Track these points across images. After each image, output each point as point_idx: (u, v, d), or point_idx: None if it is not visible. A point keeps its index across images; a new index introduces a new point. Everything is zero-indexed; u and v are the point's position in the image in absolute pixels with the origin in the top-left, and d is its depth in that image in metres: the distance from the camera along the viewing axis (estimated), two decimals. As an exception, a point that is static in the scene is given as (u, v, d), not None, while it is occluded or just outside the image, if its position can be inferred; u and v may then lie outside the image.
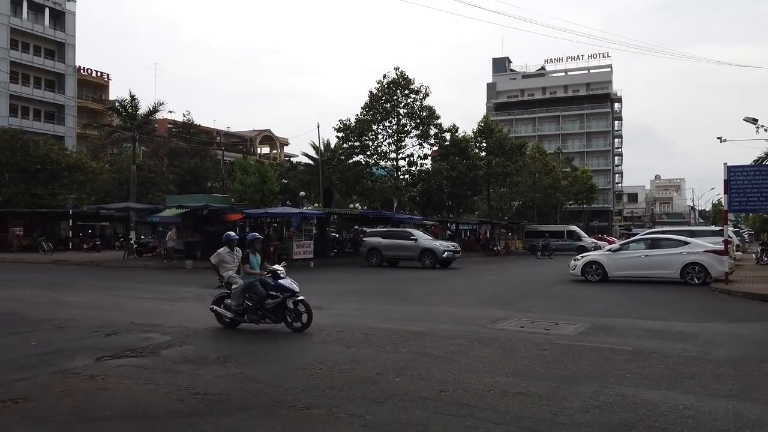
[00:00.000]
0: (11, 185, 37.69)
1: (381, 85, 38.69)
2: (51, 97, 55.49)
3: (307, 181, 45.49)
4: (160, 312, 10.91)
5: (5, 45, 51.67)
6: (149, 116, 39.81)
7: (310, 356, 7.13)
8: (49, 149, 39.18)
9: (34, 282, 17.42)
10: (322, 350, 7.51)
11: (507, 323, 9.65)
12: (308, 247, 25.50)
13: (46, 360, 6.80)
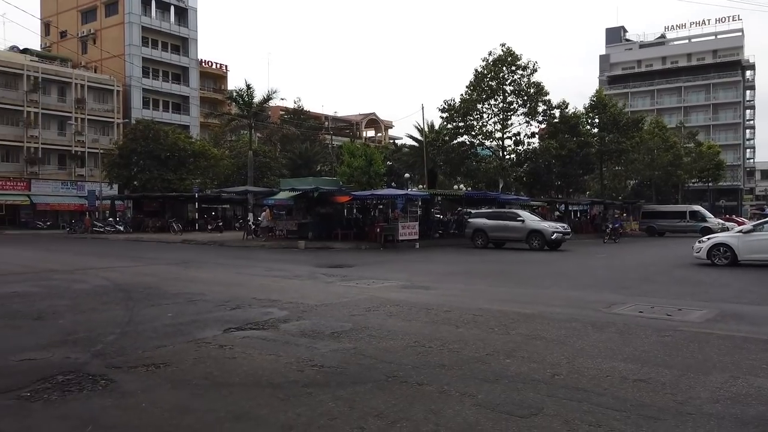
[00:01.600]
0: (146, 171, 41.47)
1: (486, 62, 37.85)
2: (177, 89, 60.12)
3: (412, 163, 45.78)
4: (277, 288, 11.56)
5: (138, 43, 56.56)
6: (263, 104, 41.92)
7: (420, 335, 7.25)
8: (176, 138, 42.58)
9: (167, 259, 19.13)
10: (431, 329, 7.61)
11: (623, 308, 9.20)
12: (413, 228, 25.74)
13: (181, 330, 7.48)
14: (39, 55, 55.50)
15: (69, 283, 12.34)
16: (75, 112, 51.72)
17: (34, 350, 6.33)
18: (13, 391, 4.89)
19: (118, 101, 55.00)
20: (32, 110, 49.45)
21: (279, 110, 62.40)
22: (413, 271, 15.44)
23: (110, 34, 57.32)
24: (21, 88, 49.08)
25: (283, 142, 56.94)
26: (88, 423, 4.20)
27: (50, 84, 51.17)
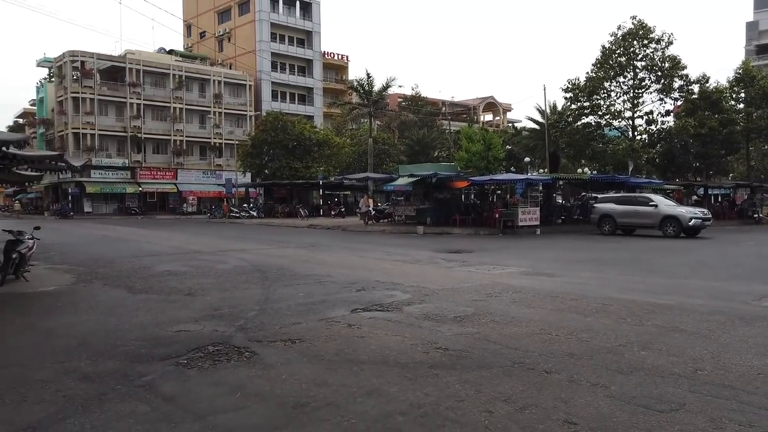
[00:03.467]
0: (275, 160, 44.11)
1: (615, 37, 35.50)
2: (302, 81, 63.04)
3: (532, 147, 44.34)
4: (399, 272, 11.84)
5: (267, 38, 59.98)
6: (382, 92, 42.73)
7: (545, 322, 7.10)
8: (302, 128, 44.77)
9: (296, 243, 20.29)
10: (557, 317, 7.42)
11: (777, 302, 8.34)
12: (534, 213, 25.02)
13: (312, 309, 7.95)
14: (182, 55, 60.82)
15: (212, 263, 13.55)
16: (213, 106, 56.17)
17: (187, 323, 7.07)
18: (173, 359, 5.52)
19: (250, 95, 58.86)
20: (177, 106, 54.45)
21: (397, 98, 63.21)
22: (535, 257, 15.05)
23: (243, 32, 61.28)
24: (168, 86, 54.18)
25: (401, 128, 57.69)
26: (236, 390, 4.64)
27: (192, 81, 55.96)
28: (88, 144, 50.14)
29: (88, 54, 50.93)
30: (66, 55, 50.81)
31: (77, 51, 50.59)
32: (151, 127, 53.52)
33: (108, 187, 50.92)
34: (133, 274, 11.68)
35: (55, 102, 53.85)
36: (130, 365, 5.31)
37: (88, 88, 50.32)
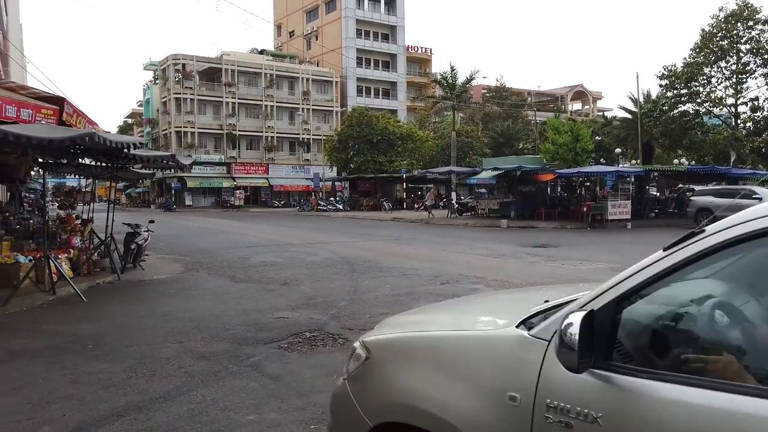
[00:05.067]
0: (360, 155, 45.19)
1: (716, 20, 33.23)
2: (386, 76, 63.87)
3: (624, 137, 42.48)
4: (482, 266, 12.04)
5: (353, 35, 61.29)
6: (466, 85, 42.52)
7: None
8: (386, 122, 45.50)
9: (380, 235, 20.90)
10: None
11: None
12: (625, 207, 24.18)
13: (398, 300, 8.39)
14: (273, 55, 63.43)
15: (304, 255, 14.38)
16: (301, 103, 58.27)
17: (285, 310, 7.74)
18: (275, 342, 6.14)
19: (336, 91, 60.46)
20: (269, 104, 56.98)
21: (481, 89, 62.55)
22: (625, 252, 14.69)
23: (329, 29, 62.93)
24: (260, 85, 56.80)
25: (485, 121, 57.07)
26: (332, 372, 5.14)
27: (282, 80, 58.31)
28: (189, 141, 53.64)
29: (188, 57, 54.38)
30: (169, 59, 54.54)
31: (179, 54, 54.15)
32: (244, 125, 56.41)
33: (206, 182, 54.29)
34: (234, 264, 12.68)
35: (160, 102, 58.01)
36: (239, 347, 5.98)
37: (189, 88, 53.76)
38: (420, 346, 2.33)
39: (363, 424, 2.33)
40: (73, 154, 10.28)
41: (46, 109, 8.81)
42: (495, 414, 1.90)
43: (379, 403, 2.33)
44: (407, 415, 2.18)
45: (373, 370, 2.41)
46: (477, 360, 2.06)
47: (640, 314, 1.81)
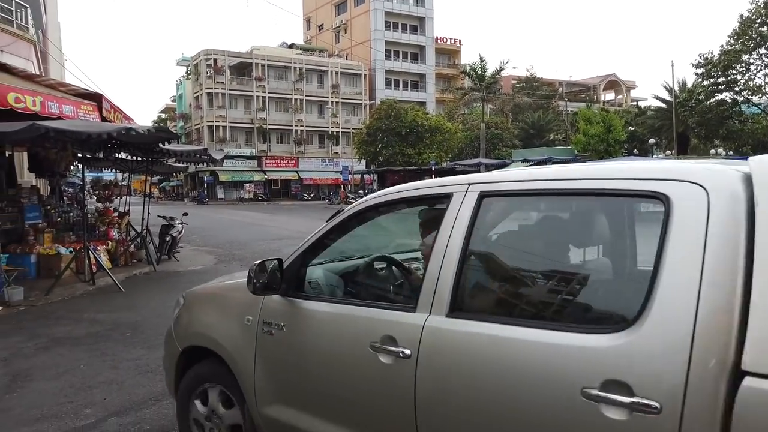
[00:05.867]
0: (389, 147, 45.26)
1: (755, 5, 32.15)
2: (415, 68, 63.66)
3: (658, 127, 41.55)
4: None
5: (381, 27, 61.25)
6: (496, 75, 42.12)
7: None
8: (415, 114, 45.41)
9: (408, 228, 20.93)
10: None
11: None
12: (659, 199, 23.70)
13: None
14: (302, 49, 63.81)
15: (332, 247, 14.54)
16: (330, 96, 58.57)
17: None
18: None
19: (365, 84, 60.56)
20: (298, 97, 57.44)
21: (511, 80, 61.82)
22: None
23: (358, 22, 62.97)
24: (290, 79, 57.28)
25: (515, 112, 56.44)
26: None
27: (311, 73, 58.67)
28: (221, 135, 54.50)
29: (219, 52, 55.14)
30: (201, 54, 55.41)
31: (210, 50, 54.96)
32: (275, 118, 57.00)
33: (237, 175, 55.11)
34: (265, 255, 12.88)
35: (192, 97, 59.02)
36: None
37: (220, 83, 54.56)
38: (208, 293, 3.50)
39: (176, 349, 3.35)
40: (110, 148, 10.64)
41: (86, 105, 9.14)
42: (240, 332, 2.90)
43: (185, 333, 3.35)
44: (199, 339, 3.20)
45: (184, 312, 3.47)
46: (232, 300, 3.10)
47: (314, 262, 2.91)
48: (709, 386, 1.49)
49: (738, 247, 1.56)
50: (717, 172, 1.71)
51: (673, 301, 1.61)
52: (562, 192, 2.08)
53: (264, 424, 2.78)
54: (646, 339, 1.62)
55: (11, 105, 7.49)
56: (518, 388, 1.85)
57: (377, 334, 2.27)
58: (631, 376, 1.61)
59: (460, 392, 2.01)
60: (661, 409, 1.54)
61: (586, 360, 1.70)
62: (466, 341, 2.03)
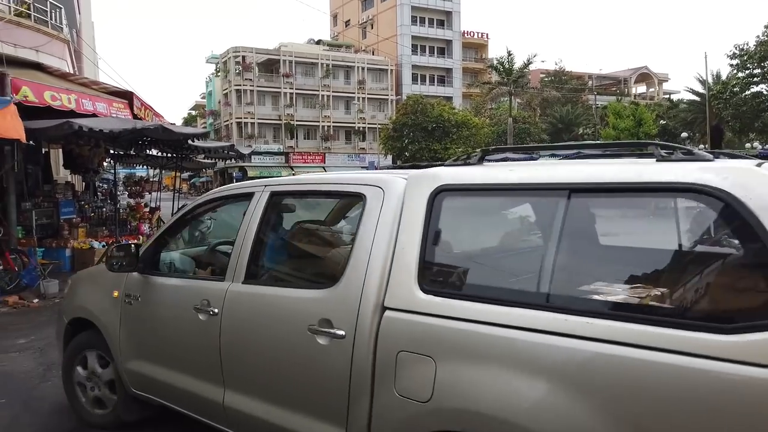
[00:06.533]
0: (415, 143, 45.19)
1: (796, -7, 31.10)
2: (441, 63, 63.33)
3: (691, 120, 40.56)
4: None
5: (408, 22, 61.09)
6: (523, 69, 41.64)
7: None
8: (441, 109, 45.21)
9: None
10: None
11: None
12: (691, 194, 23.17)
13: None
14: (329, 45, 64.07)
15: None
16: (357, 92, 58.71)
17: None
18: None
19: (391, 79, 60.51)
20: (325, 93, 57.73)
21: (539, 74, 60.99)
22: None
23: (385, 17, 62.89)
24: (317, 75, 57.60)
25: (543, 106, 55.70)
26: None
27: (338, 69, 58.87)
28: (249, 132, 55.14)
29: (247, 49, 55.73)
30: (229, 51, 56.08)
31: (239, 47, 55.58)
32: (302, 115, 57.40)
33: (266, 171, 55.64)
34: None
35: (221, 94, 59.83)
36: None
37: (249, 80, 55.16)
38: (88, 274, 4.24)
39: (63, 322, 4.01)
40: (141, 145, 10.91)
41: (117, 103, 9.41)
42: (109, 304, 3.59)
43: (70, 308, 4.03)
44: (80, 312, 3.87)
45: (69, 291, 4.20)
46: (105, 278, 3.68)
47: (167, 249, 3.65)
48: (369, 318, 2.27)
49: (394, 227, 2.34)
50: (390, 180, 2.50)
51: (357, 265, 2.39)
52: (311, 192, 3.23)
53: (127, 376, 3.50)
54: (341, 291, 2.41)
55: (48, 102, 7.76)
56: (276, 328, 2.67)
57: (199, 298, 3.03)
58: (332, 315, 2.40)
59: (245, 336, 2.83)
60: (345, 335, 2.34)
61: (310, 306, 2.51)
62: (250, 300, 2.83)
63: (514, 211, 2.43)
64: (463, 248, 2.49)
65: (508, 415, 1.86)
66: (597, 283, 1.92)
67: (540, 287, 1.95)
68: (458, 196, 2.32)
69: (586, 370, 1.75)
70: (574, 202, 1.98)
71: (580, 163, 2.28)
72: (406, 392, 2.13)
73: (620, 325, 1.72)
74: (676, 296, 1.79)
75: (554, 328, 1.83)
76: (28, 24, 12.50)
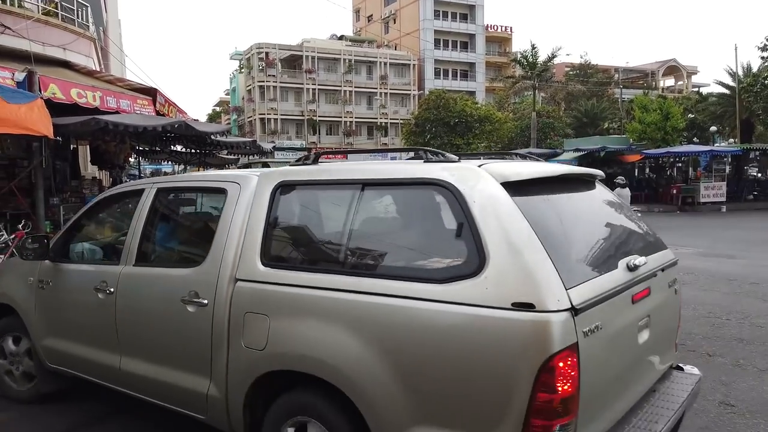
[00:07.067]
0: (437, 138, 44.98)
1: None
2: (464, 57, 62.86)
3: (720, 114, 39.53)
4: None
5: (431, 17, 60.72)
6: (547, 63, 41.07)
7: (716, 306, 6.81)
8: (464, 104, 44.89)
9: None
10: (730, 301, 7.05)
11: None
12: (719, 189, 22.72)
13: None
14: (351, 40, 64.03)
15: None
16: (379, 87, 58.61)
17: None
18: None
19: (413, 74, 60.27)
20: (347, 89, 57.77)
21: (564, 67, 60.09)
22: (716, 237, 13.88)
23: (407, 12, 62.60)
24: (339, 70, 57.65)
25: (568, 100, 54.89)
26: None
27: (360, 65, 58.84)
28: (272, 128, 55.49)
29: (271, 45, 56.01)
30: (253, 48, 56.45)
31: (262, 43, 55.89)
32: (324, 110, 57.54)
33: (288, 167, 56.06)
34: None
35: (245, 90, 60.27)
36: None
37: (272, 76, 55.46)
38: (11, 263, 4.55)
39: None
40: (165, 141, 11.02)
41: (141, 100, 9.49)
42: (27, 289, 4.00)
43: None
44: (2, 298, 4.22)
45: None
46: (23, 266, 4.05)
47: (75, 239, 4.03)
48: (225, 289, 2.83)
49: (246, 215, 2.91)
50: (246, 177, 3.07)
51: (217, 247, 2.95)
52: (188, 188, 3.85)
53: (43, 352, 3.93)
54: (205, 268, 2.97)
55: (75, 100, 7.86)
56: (158, 301, 3.21)
57: (98, 280, 3.51)
58: (198, 288, 2.94)
59: (135, 309, 3.34)
60: (208, 303, 2.89)
61: (182, 282, 3.04)
62: (138, 279, 3.35)
63: (327, 201, 2.97)
64: (293, 230, 3.00)
65: (318, 354, 2.49)
66: (372, 252, 2.63)
67: (339, 258, 2.63)
68: (292, 189, 2.94)
69: (363, 315, 2.40)
70: (366, 192, 2.67)
71: (373, 163, 2.95)
72: (249, 344, 2.72)
73: (381, 281, 2.40)
74: (414, 260, 2.50)
75: (346, 287, 2.47)
76: (55, 23, 12.68)
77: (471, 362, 2.15)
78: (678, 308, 3.20)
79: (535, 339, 2.04)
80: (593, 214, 2.96)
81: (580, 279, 2.24)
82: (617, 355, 2.43)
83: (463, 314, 2.16)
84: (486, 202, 2.27)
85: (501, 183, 2.34)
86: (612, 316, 2.34)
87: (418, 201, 2.61)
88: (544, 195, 2.56)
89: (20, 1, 12.30)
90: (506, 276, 2.13)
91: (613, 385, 2.42)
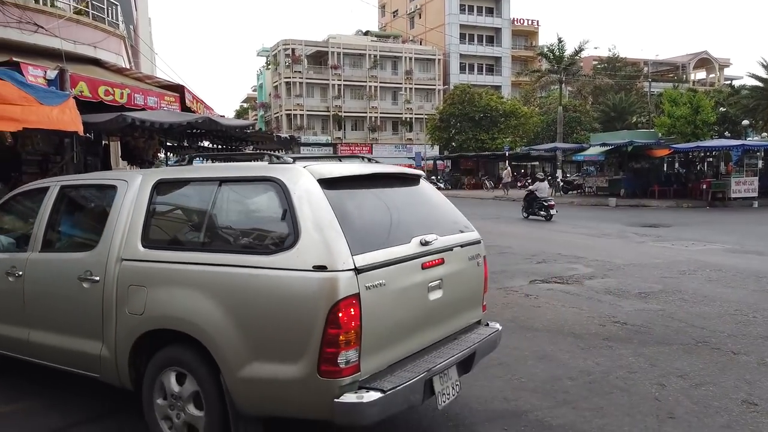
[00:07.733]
0: (462, 133, 44.73)
1: None
2: (490, 51, 62.25)
3: (753, 107, 38.34)
4: (583, 245, 11.67)
5: (456, 11, 60.26)
6: (574, 56, 40.45)
7: (742, 303, 6.69)
8: (489, 99, 44.52)
9: (480, 214, 20.72)
10: (757, 298, 6.91)
11: None
12: (751, 184, 22.18)
13: (491, 278, 8.39)
14: (377, 35, 63.95)
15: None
16: (404, 82, 58.47)
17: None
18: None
19: (439, 69, 59.97)
20: (372, 84, 57.78)
21: (591, 61, 59.08)
22: (745, 233, 13.57)
23: (432, 7, 62.25)
24: (364, 66, 57.69)
25: (595, 94, 53.93)
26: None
27: (385, 60, 58.78)
28: (298, 123, 55.85)
29: (297, 42, 56.33)
30: (280, 44, 56.84)
31: (289, 40, 56.24)
32: (349, 106, 57.68)
33: (314, 162, 56.37)
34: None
35: (272, 87, 60.75)
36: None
37: (298, 72, 55.80)
38: None
39: None
40: (192, 136, 11.21)
41: (168, 96, 9.68)
42: None
43: None
44: None
45: None
46: None
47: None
48: (113, 267, 3.44)
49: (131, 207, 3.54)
50: (133, 176, 3.71)
51: (107, 233, 3.55)
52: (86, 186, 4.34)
53: None
54: (98, 251, 3.56)
55: (101, 97, 8.06)
56: (59, 280, 3.76)
57: (9, 265, 4.05)
58: (92, 268, 3.53)
59: (40, 289, 3.89)
60: (99, 279, 3.48)
61: (79, 264, 3.61)
62: (43, 263, 3.91)
63: (194, 194, 3.57)
64: (167, 218, 3.68)
65: (181, 314, 3.12)
66: (224, 233, 3.32)
67: (199, 239, 3.33)
68: (168, 186, 3.63)
69: (214, 281, 3.03)
70: (223, 187, 3.33)
71: (228, 165, 3.86)
72: (132, 310, 3.32)
73: (227, 255, 3.07)
74: (252, 238, 3.19)
75: (202, 261, 3.12)
76: (86, 21, 12.98)
77: (286, 311, 2.81)
78: (481, 277, 3.86)
79: (326, 290, 2.72)
80: (405, 203, 3.60)
81: (367, 249, 2.89)
82: (402, 306, 3.06)
83: (282, 276, 2.84)
84: (303, 194, 2.95)
85: (317, 179, 3.01)
86: (396, 277, 3.01)
87: (259, 193, 3.27)
88: (353, 189, 3.24)
89: (53, 1, 12.63)
90: (311, 247, 2.81)
91: (398, 327, 3.03)
